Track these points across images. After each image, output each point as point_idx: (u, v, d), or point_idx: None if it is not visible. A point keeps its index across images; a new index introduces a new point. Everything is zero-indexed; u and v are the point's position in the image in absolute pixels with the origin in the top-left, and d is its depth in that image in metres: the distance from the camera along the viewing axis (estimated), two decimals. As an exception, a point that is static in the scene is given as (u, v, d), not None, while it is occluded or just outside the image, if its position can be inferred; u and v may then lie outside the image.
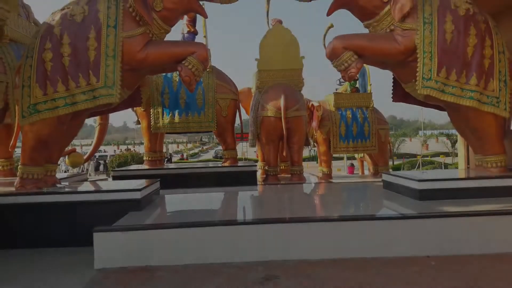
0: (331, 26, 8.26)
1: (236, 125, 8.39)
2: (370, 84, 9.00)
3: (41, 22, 5.45)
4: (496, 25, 5.21)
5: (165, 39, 5.27)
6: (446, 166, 20.89)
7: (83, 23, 4.76)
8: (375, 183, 7.11)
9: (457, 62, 4.83)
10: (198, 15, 7.36)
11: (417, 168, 18.72)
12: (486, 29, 4.97)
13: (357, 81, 9.08)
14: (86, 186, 5.67)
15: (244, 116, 9.13)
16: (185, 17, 7.63)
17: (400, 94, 5.90)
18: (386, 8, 4.86)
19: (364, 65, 6.51)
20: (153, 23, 4.85)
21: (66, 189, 5.06)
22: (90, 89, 4.72)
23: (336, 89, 9.72)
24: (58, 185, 5.31)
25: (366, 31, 5.32)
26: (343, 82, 9.54)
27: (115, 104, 5.04)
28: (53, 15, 5.00)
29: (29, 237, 4.58)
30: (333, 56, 5.03)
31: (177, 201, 5.78)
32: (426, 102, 5.49)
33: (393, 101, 6.07)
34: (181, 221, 4.29)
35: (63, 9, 4.97)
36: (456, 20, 4.83)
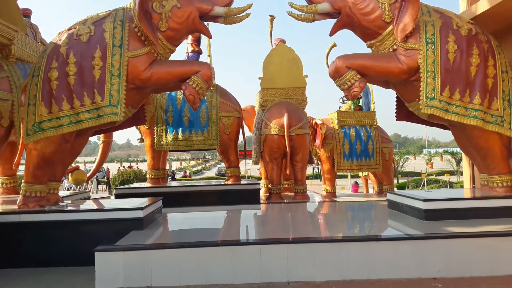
0: (334, 45, 8.35)
1: (239, 142, 8.39)
2: (374, 102, 9.01)
3: (48, 41, 5.52)
4: (499, 45, 5.24)
5: (170, 58, 5.33)
6: (451, 185, 20.71)
7: (89, 42, 4.83)
8: (380, 203, 7.04)
9: (460, 82, 4.83)
10: (202, 35, 7.45)
11: (422, 186, 18.58)
12: (489, 48, 5.00)
13: (360, 100, 9.10)
14: (89, 205, 5.64)
15: (248, 133, 9.16)
16: (190, 36, 7.72)
17: (404, 113, 5.89)
18: (389, 28, 4.90)
19: (368, 83, 6.53)
20: (158, 43, 4.91)
21: (69, 208, 5.04)
22: (94, 108, 4.76)
23: (340, 107, 9.75)
24: (61, 203, 5.30)
25: (369, 50, 5.36)
26: (346, 100, 9.57)
27: (119, 122, 5.07)
28: (59, 35, 5.08)
29: (31, 256, 4.54)
30: (336, 75, 5.06)
31: (179, 220, 5.74)
32: (430, 121, 5.48)
33: (396, 120, 6.06)
34: (183, 241, 4.24)
35: (69, 29, 5.05)
36: (459, 40, 4.85)
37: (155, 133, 7.85)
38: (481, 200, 5.01)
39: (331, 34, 5.30)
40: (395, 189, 10.95)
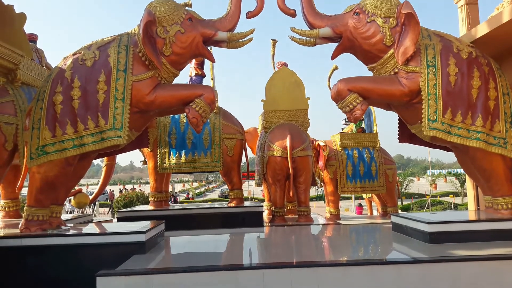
0: (336, 68, 8.43)
1: (242, 164, 8.39)
2: (376, 124, 9.03)
3: (53, 65, 5.61)
4: (499, 68, 5.28)
5: (173, 82, 5.39)
6: (456, 206, 20.53)
7: (94, 67, 4.90)
8: (384, 225, 6.98)
9: (462, 104, 4.85)
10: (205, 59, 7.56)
11: (427, 208, 18.41)
12: (490, 71, 5.03)
13: (363, 121, 9.12)
14: (91, 228, 5.62)
15: (251, 155, 9.16)
16: (193, 60, 7.83)
17: (406, 135, 5.90)
18: (390, 52, 4.96)
19: (370, 105, 6.56)
20: (162, 67, 4.98)
21: (71, 231, 5.02)
22: (98, 131, 4.79)
23: (342, 129, 9.77)
24: (63, 227, 5.27)
25: (370, 73, 5.41)
26: (348, 122, 9.59)
27: (122, 145, 5.09)
28: (64, 60, 5.16)
29: (33, 281, 4.49)
30: (338, 98, 5.09)
31: (181, 243, 5.69)
32: (433, 143, 5.47)
33: (399, 142, 6.06)
34: (185, 265, 4.20)
35: (74, 53, 5.13)
36: (459, 63, 4.90)
37: (158, 156, 7.86)
38: (486, 222, 4.96)
39: (333, 57, 5.36)
40: (399, 211, 10.85)
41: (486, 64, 5.05)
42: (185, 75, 8.32)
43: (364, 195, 10.39)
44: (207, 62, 8.13)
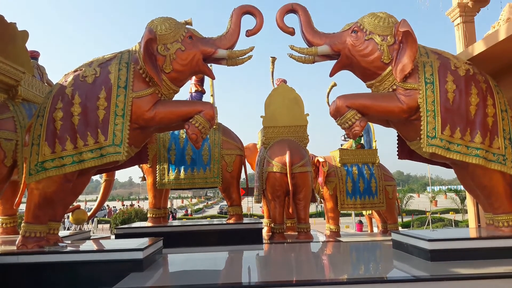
0: (334, 84, 8.49)
1: (241, 179, 8.37)
2: (375, 140, 9.05)
3: (54, 82, 5.65)
4: (497, 85, 5.31)
5: (174, 98, 5.42)
6: (456, 223, 20.42)
7: (94, 83, 4.94)
8: (385, 242, 6.92)
9: (460, 121, 4.87)
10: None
11: (427, 225, 18.31)
12: (487, 88, 5.07)
13: (362, 138, 9.15)
14: (88, 245, 5.56)
15: (250, 171, 9.15)
16: (193, 77, 7.89)
17: (406, 151, 5.90)
18: (388, 69, 5.00)
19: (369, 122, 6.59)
20: (162, 84, 5.01)
21: (68, 249, 4.97)
22: (97, 147, 4.79)
23: (341, 145, 9.79)
24: (60, 244, 5.22)
25: (369, 90, 5.44)
26: (347, 138, 9.62)
27: (122, 161, 5.09)
28: (66, 76, 5.20)
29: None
30: (337, 114, 5.11)
31: (180, 261, 5.62)
32: (432, 159, 5.47)
33: (398, 158, 6.06)
34: (184, 283, 4.15)
35: (75, 70, 5.18)
36: (457, 80, 4.93)
37: (157, 172, 7.84)
38: (488, 240, 4.91)
39: (331, 75, 5.40)
40: (400, 227, 10.79)
41: (483, 81, 5.09)
42: (185, 91, 8.38)
43: (364, 212, 10.34)
44: (207, 79, 8.19)
